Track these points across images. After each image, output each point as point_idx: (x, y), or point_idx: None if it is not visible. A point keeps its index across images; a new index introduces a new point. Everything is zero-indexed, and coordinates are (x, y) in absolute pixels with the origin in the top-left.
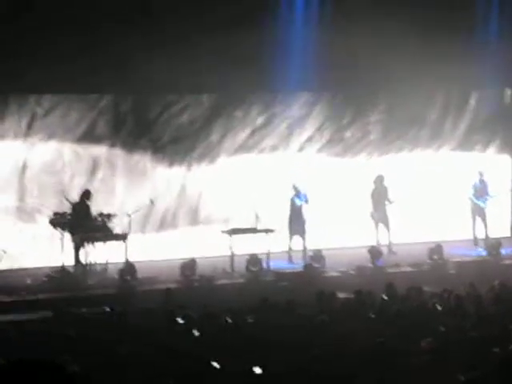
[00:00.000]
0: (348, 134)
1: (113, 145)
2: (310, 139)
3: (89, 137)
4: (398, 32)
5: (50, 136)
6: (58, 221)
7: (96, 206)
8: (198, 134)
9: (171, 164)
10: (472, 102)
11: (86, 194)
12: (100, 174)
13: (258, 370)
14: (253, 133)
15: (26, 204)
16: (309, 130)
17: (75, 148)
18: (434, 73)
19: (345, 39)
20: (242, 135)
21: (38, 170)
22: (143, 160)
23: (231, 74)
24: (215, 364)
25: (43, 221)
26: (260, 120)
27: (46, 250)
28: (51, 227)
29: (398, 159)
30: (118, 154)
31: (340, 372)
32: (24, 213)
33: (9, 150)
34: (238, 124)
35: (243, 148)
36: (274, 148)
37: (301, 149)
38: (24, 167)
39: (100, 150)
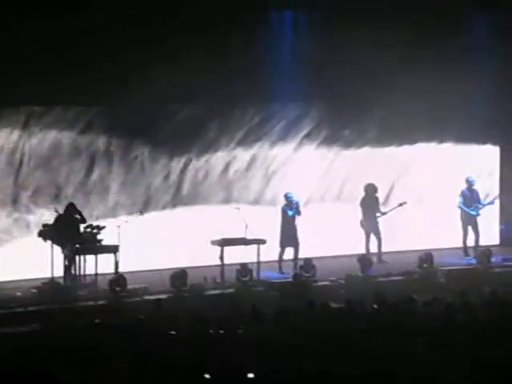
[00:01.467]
0: (339, 140)
1: (110, 141)
2: (302, 142)
3: (86, 133)
4: (390, 40)
5: (47, 132)
6: (46, 233)
7: (91, 204)
8: (196, 132)
9: (169, 161)
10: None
11: (71, 207)
12: (96, 171)
13: (250, 375)
14: (248, 132)
15: (20, 200)
16: (298, 136)
17: (72, 144)
18: (427, 77)
19: (335, 50)
20: (239, 134)
21: (34, 166)
22: (141, 157)
23: (224, 86)
24: (207, 375)
25: (37, 216)
26: (255, 120)
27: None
28: (41, 239)
29: (386, 165)
30: (115, 150)
31: (332, 381)
32: (19, 206)
33: (4, 145)
34: (234, 122)
35: (240, 146)
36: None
37: (296, 148)
38: (20, 162)
39: (97, 146)
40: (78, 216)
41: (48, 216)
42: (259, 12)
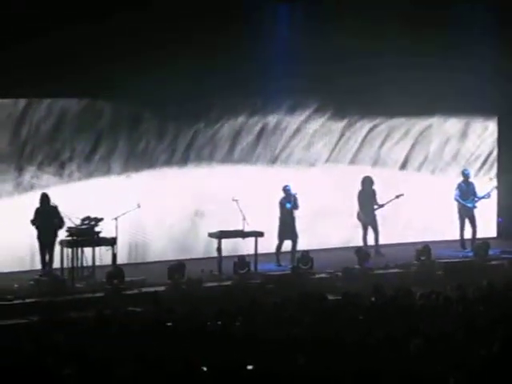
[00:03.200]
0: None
1: (116, 118)
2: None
3: (91, 110)
4: (385, 35)
5: (52, 107)
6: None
7: (92, 185)
8: (202, 109)
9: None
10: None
11: (46, 198)
12: (100, 149)
13: (249, 367)
14: (253, 111)
15: (24, 176)
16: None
17: (77, 120)
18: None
19: (331, 45)
20: (244, 113)
21: (39, 141)
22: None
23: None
24: (204, 368)
25: (42, 181)
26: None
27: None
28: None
29: (384, 157)
30: (121, 127)
31: (329, 373)
32: (22, 185)
33: (8, 122)
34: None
35: (246, 121)
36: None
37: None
38: (25, 141)
39: (102, 123)
40: (55, 208)
41: (53, 181)
42: None
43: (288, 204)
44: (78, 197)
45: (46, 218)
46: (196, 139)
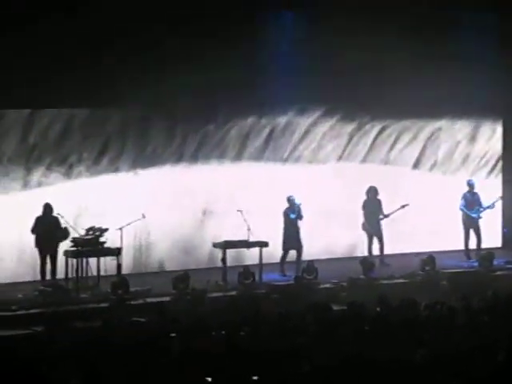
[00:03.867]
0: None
1: (124, 121)
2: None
3: (98, 115)
4: (394, 39)
5: (59, 113)
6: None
7: (101, 188)
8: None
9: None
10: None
11: (50, 208)
12: (109, 153)
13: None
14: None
15: (32, 175)
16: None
17: (84, 125)
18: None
19: (335, 55)
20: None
21: (47, 145)
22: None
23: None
24: (209, 379)
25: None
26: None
27: None
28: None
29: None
30: (130, 130)
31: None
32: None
33: (15, 127)
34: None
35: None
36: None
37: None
38: (33, 144)
39: (111, 127)
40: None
41: (61, 179)
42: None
43: (292, 214)
44: (85, 196)
45: (47, 228)
46: (205, 141)
